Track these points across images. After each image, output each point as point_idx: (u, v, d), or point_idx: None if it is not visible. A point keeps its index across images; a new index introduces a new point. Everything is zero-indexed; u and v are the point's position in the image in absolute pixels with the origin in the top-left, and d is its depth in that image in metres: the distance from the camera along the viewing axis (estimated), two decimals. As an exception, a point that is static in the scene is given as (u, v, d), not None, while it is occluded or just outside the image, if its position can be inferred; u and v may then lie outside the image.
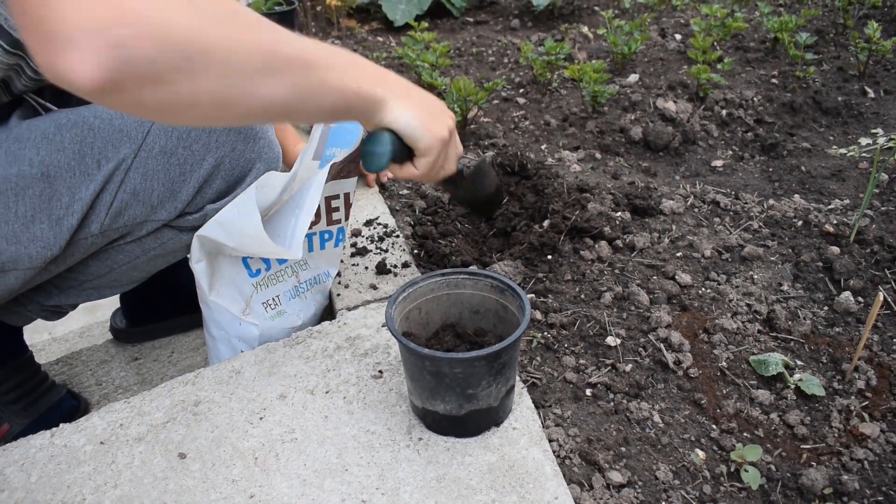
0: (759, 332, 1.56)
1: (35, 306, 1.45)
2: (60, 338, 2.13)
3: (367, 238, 1.83)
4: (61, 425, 1.28)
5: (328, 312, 1.66)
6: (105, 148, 1.24)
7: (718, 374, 1.44)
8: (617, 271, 1.71)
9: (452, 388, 1.11)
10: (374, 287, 1.63)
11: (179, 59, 0.74)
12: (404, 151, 1.17)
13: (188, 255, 1.42)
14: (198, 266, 1.39)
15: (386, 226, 1.88)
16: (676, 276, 1.69)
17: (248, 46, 0.82)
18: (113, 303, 2.01)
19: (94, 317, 2.25)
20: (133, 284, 1.49)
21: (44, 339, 2.15)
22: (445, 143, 1.19)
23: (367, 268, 1.71)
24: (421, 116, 1.12)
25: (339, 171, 1.44)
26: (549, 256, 1.75)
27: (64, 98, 1.33)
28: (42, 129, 1.21)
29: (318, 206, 1.45)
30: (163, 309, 1.95)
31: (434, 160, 1.18)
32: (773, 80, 3.04)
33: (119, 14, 0.68)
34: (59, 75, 0.69)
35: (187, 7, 0.75)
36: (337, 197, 1.52)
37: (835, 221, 1.95)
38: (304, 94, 0.92)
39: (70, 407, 1.68)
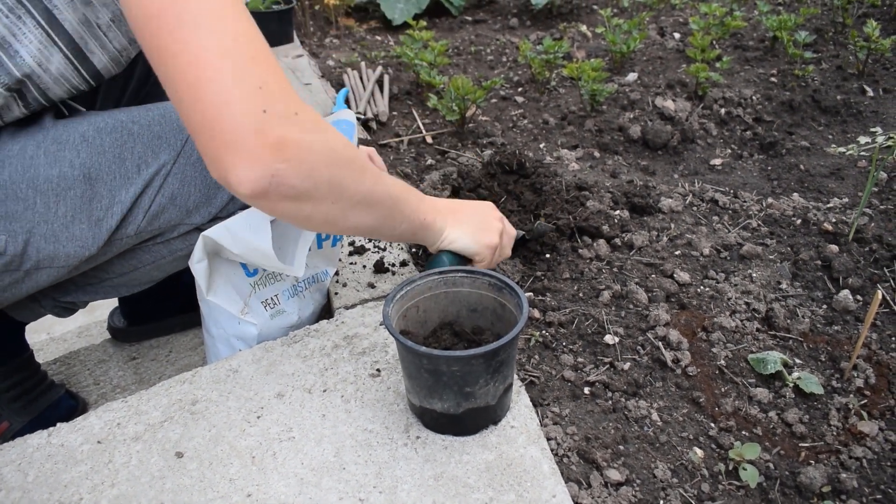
0: (757, 330, 1.56)
1: (49, 302, 1.45)
2: (58, 337, 2.13)
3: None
4: (58, 425, 1.28)
5: (326, 311, 1.66)
6: (145, 153, 1.27)
7: (717, 372, 1.44)
8: (615, 270, 1.71)
9: (450, 387, 1.11)
10: (371, 286, 1.62)
11: (312, 189, 1.01)
12: (465, 261, 1.41)
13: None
14: (198, 266, 1.39)
15: (384, 224, 1.87)
16: (675, 275, 1.69)
17: (356, 186, 1.09)
18: (110, 302, 2.01)
19: (92, 316, 2.24)
20: (150, 284, 1.50)
21: (42, 339, 2.14)
22: (495, 247, 1.42)
23: (364, 266, 1.70)
24: (472, 235, 1.38)
25: None
26: (548, 255, 1.75)
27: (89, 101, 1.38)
28: (81, 132, 1.23)
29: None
30: (161, 308, 1.94)
31: (490, 260, 1.43)
32: (772, 79, 3.04)
33: (279, 152, 0.94)
34: (222, 179, 0.95)
35: (328, 153, 1.02)
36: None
37: (833, 220, 1.95)
38: (385, 223, 1.20)
39: (68, 406, 1.68)
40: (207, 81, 0.91)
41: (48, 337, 2.15)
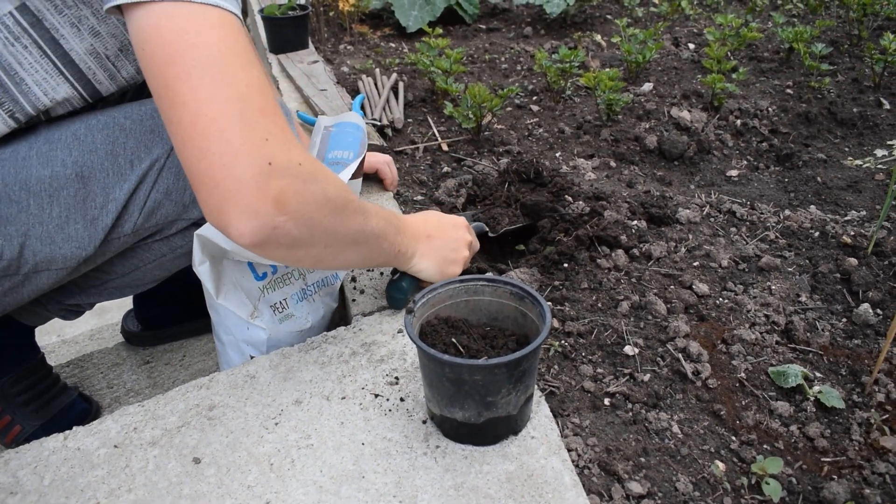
0: (777, 343, 1.55)
1: (54, 305, 1.44)
2: (70, 340, 2.13)
3: (381, 243, 1.82)
4: (74, 428, 1.27)
5: (339, 316, 1.65)
6: (138, 148, 1.25)
7: (737, 385, 1.43)
8: (634, 280, 1.70)
9: (472, 396, 1.10)
10: (389, 293, 1.62)
11: (308, 237, 1.03)
12: (421, 283, 1.50)
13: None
14: (201, 268, 1.38)
15: (400, 231, 1.87)
16: (694, 286, 1.67)
17: (347, 229, 1.12)
18: (122, 305, 2.01)
19: (103, 319, 2.25)
20: (154, 283, 1.49)
21: (53, 341, 2.14)
22: (456, 274, 1.47)
23: (382, 273, 1.69)
24: (438, 266, 1.42)
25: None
26: (566, 264, 1.74)
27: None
28: (73, 131, 1.21)
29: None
30: (176, 313, 1.94)
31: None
32: (788, 91, 3.02)
33: (280, 206, 0.96)
34: (222, 229, 0.96)
35: (325, 202, 1.04)
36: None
37: (852, 233, 1.94)
38: (369, 258, 1.26)
39: (81, 409, 1.67)
40: (215, 132, 0.91)
41: (59, 339, 2.15)
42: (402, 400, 1.28)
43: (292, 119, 1.47)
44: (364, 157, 1.53)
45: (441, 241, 1.43)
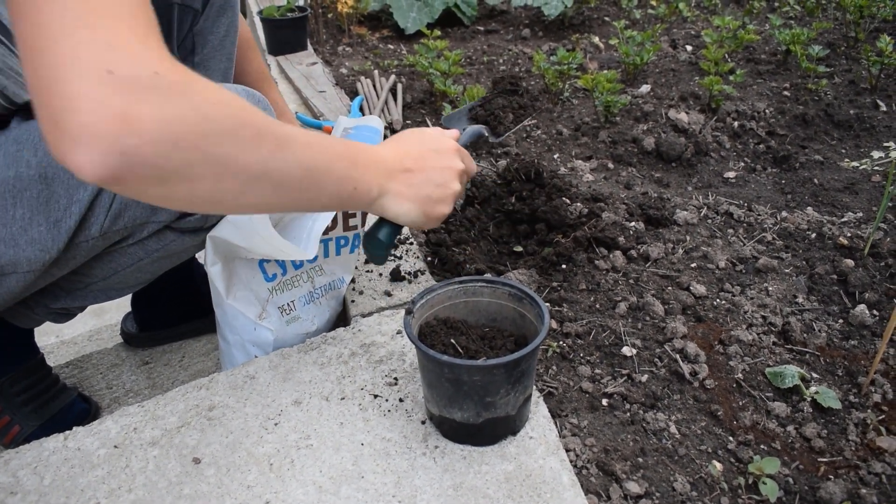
0: (774, 344, 1.55)
1: (42, 309, 1.44)
2: (69, 341, 2.13)
3: (380, 245, 1.83)
4: (74, 428, 1.28)
5: (342, 319, 1.66)
6: None
7: (734, 385, 1.44)
8: (631, 281, 1.71)
9: (470, 396, 1.11)
10: (388, 294, 1.62)
11: (183, 169, 0.80)
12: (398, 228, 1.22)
13: (203, 260, 1.41)
14: (213, 269, 1.39)
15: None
16: (691, 287, 1.68)
17: (247, 158, 0.86)
18: (121, 306, 2.01)
19: (102, 320, 2.24)
20: (140, 286, 1.48)
21: (52, 342, 2.14)
22: (447, 214, 1.21)
23: (381, 274, 1.70)
24: (421, 208, 1.15)
25: None
26: (564, 265, 1.75)
27: None
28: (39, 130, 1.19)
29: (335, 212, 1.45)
30: (175, 314, 1.94)
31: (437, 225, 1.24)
32: (785, 93, 3.03)
33: (128, 124, 0.73)
34: (66, 164, 0.75)
35: (199, 123, 0.80)
36: (353, 203, 1.52)
37: (848, 234, 1.95)
38: (303, 199, 1.00)
39: (81, 410, 1.67)
40: (49, 42, 0.73)
41: (58, 340, 2.15)
42: (401, 400, 1.29)
43: (272, 112, 1.41)
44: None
45: (422, 176, 1.16)
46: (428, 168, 1.16)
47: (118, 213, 1.24)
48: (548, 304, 1.62)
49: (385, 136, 2.63)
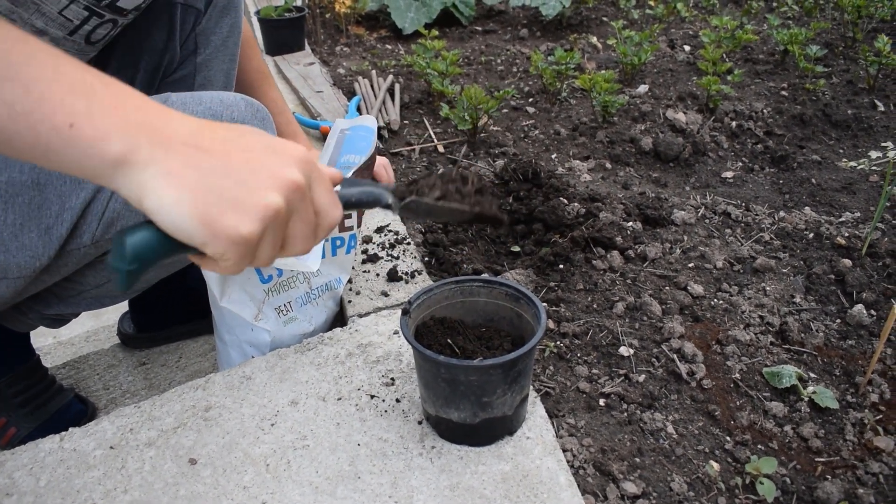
0: (771, 343, 1.55)
1: (35, 315, 1.43)
2: (66, 342, 2.12)
3: (378, 245, 1.83)
4: (71, 429, 1.27)
5: (339, 319, 1.65)
6: None
7: (732, 385, 1.43)
8: (629, 281, 1.70)
9: (467, 396, 1.10)
10: (385, 294, 1.62)
11: None
12: (188, 248, 0.74)
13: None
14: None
15: (397, 233, 1.88)
16: (689, 287, 1.68)
17: None
18: (119, 307, 2.00)
19: (99, 321, 2.24)
20: (132, 295, 1.47)
21: (49, 343, 2.14)
22: (255, 242, 0.74)
23: (378, 275, 1.70)
24: (195, 204, 0.70)
25: (354, 177, 1.44)
26: (561, 266, 1.74)
27: None
28: None
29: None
30: (172, 315, 1.94)
31: (240, 263, 0.75)
32: (783, 93, 3.04)
33: None
34: None
35: None
36: (350, 203, 1.51)
37: (846, 234, 1.95)
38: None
39: (77, 411, 1.67)
40: None
41: (55, 341, 2.15)
42: (397, 401, 1.28)
43: (271, 122, 1.37)
44: (372, 157, 1.51)
45: (221, 162, 0.73)
46: (237, 158, 0.75)
47: (111, 221, 1.22)
48: (545, 304, 1.62)
49: (382, 138, 2.64)
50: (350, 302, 1.60)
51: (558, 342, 1.49)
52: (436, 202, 0.96)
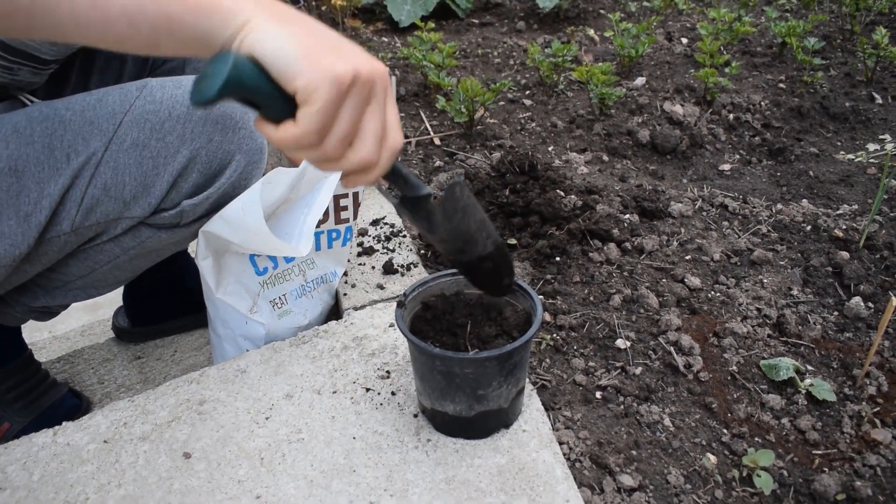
0: (769, 336, 1.55)
1: (22, 308, 1.41)
2: (61, 336, 2.11)
3: (373, 237, 1.82)
4: (64, 424, 1.26)
5: (334, 312, 1.65)
6: (75, 141, 1.17)
7: (729, 378, 1.43)
8: (626, 274, 1.70)
9: (463, 389, 1.10)
10: (381, 287, 1.61)
11: None
12: (275, 98, 0.76)
13: (194, 254, 1.40)
14: (204, 263, 1.37)
15: (393, 225, 1.87)
16: (686, 280, 1.67)
17: None
18: (114, 301, 2.00)
19: (94, 315, 2.23)
20: (119, 284, 1.45)
21: (44, 337, 2.13)
22: (345, 90, 0.77)
23: (373, 267, 1.69)
24: (301, 39, 0.76)
25: None
26: (558, 258, 1.74)
27: (57, 94, 1.29)
28: (14, 123, 1.15)
29: (327, 205, 1.43)
30: (167, 309, 1.93)
31: (325, 114, 0.76)
32: (781, 85, 3.03)
33: None
34: None
35: None
36: (346, 196, 1.51)
37: (844, 227, 1.94)
38: (127, 27, 0.77)
39: (71, 405, 1.66)
40: None
41: (50, 335, 2.14)
42: (393, 394, 1.28)
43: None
44: None
45: (325, 34, 0.83)
46: (317, 31, 0.82)
47: (90, 207, 1.21)
48: (541, 296, 1.61)
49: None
50: (345, 295, 1.59)
51: (555, 335, 1.48)
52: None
